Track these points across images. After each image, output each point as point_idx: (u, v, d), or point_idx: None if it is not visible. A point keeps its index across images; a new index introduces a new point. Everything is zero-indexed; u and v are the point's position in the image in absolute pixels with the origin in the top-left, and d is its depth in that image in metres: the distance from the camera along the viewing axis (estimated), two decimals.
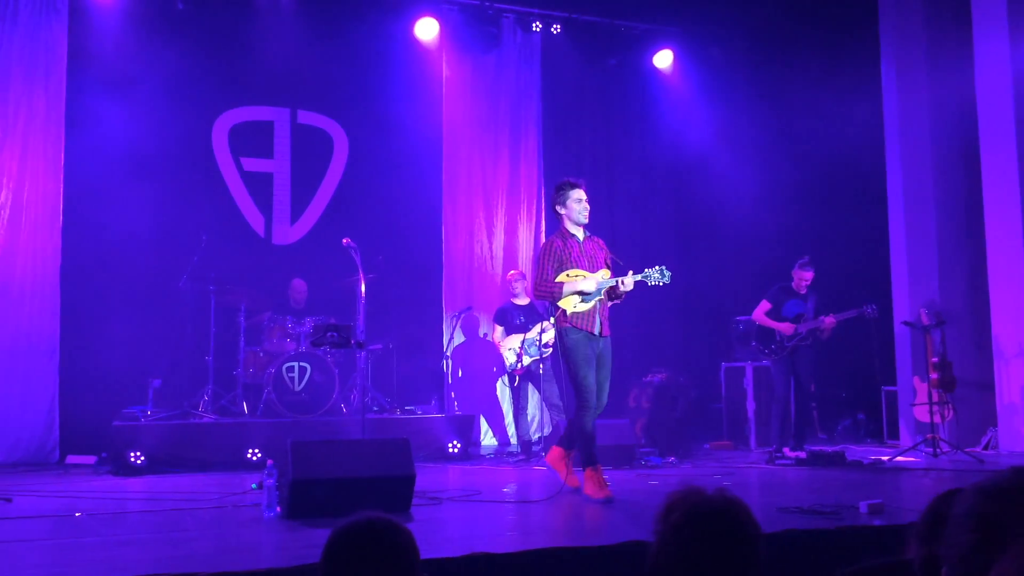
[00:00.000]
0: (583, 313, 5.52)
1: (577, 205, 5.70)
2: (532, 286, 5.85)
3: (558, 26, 9.98)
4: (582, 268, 5.60)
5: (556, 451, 5.83)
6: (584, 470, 5.55)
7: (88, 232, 8.31)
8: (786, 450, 7.56)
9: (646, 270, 5.56)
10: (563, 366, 5.67)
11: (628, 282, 5.49)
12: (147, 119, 8.55)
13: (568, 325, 5.52)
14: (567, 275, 5.57)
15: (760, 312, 7.87)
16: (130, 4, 8.57)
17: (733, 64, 10.34)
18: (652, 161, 10.60)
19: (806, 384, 7.79)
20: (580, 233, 5.74)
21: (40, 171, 8.27)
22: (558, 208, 5.80)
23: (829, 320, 7.59)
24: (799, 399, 7.82)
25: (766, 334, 7.82)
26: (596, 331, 5.53)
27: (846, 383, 9.97)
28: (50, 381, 8.10)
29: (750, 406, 9.05)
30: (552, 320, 5.76)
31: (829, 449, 7.72)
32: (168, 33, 8.66)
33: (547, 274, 5.60)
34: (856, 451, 8.29)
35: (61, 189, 8.33)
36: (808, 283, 7.81)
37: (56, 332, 8.17)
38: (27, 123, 8.26)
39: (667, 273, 5.53)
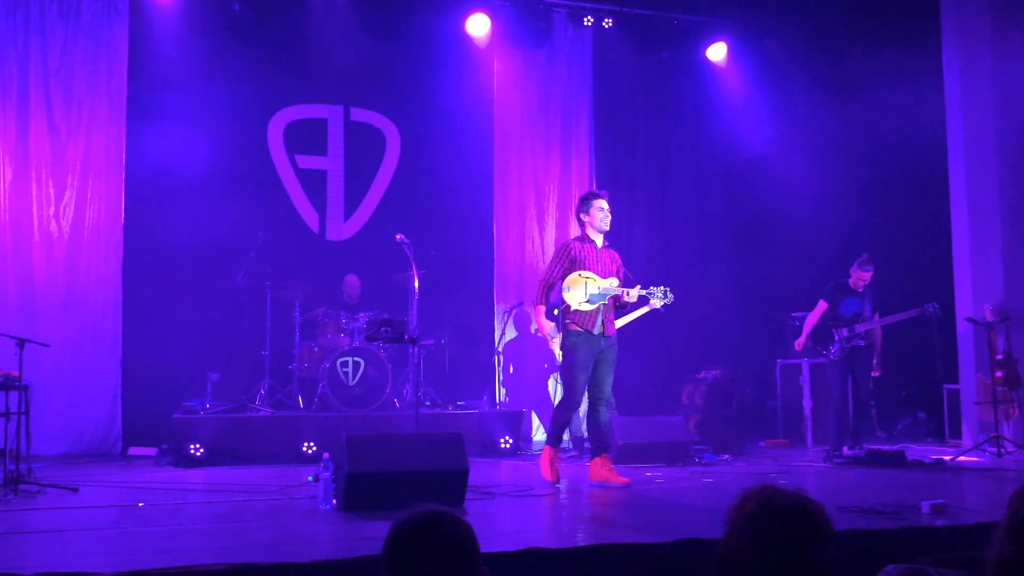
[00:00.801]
0: (585, 312, 5.86)
1: (600, 213, 6.02)
2: (539, 280, 6.19)
3: (610, 20, 9.91)
4: (595, 272, 5.94)
5: (595, 463, 6.02)
6: (543, 449, 6.11)
7: (148, 229, 8.50)
8: (844, 449, 7.42)
9: (651, 288, 6.04)
10: (561, 362, 6.09)
11: (633, 294, 5.91)
12: (205, 118, 8.72)
13: (571, 324, 5.88)
14: (579, 275, 5.90)
15: (816, 314, 7.72)
16: (188, 5, 8.73)
17: (789, 56, 10.15)
18: (706, 155, 10.48)
19: (864, 384, 7.62)
20: (599, 241, 6.06)
21: (102, 170, 8.49)
22: (582, 216, 6.11)
23: (877, 332, 7.50)
24: (857, 398, 7.66)
25: (823, 334, 7.64)
26: (596, 331, 5.85)
27: (906, 381, 9.74)
28: (113, 375, 8.32)
29: (807, 404, 8.89)
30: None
31: (888, 448, 7.56)
32: (225, 33, 8.81)
33: (553, 274, 6.00)
34: (916, 450, 8.11)
35: (122, 187, 8.53)
36: (867, 283, 7.64)
37: (119, 327, 8.39)
38: (90, 123, 8.48)
39: (670, 296, 6.05)
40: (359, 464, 4.82)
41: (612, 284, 5.92)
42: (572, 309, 5.86)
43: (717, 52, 10.19)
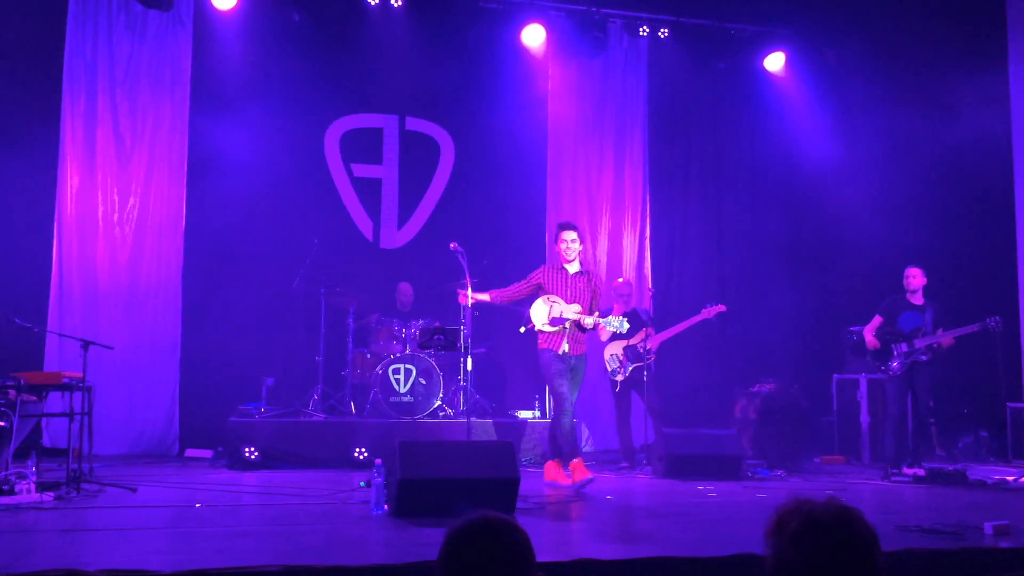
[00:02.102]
0: (549, 333, 6.42)
1: (563, 244, 6.54)
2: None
3: (665, 30, 9.86)
4: (561, 297, 6.43)
5: (549, 465, 6.61)
6: (551, 461, 6.59)
7: (208, 236, 8.68)
8: (903, 467, 7.24)
9: (609, 316, 6.51)
10: (545, 376, 6.57)
11: (589, 321, 6.36)
12: (263, 127, 8.88)
13: (541, 343, 6.48)
14: (547, 298, 6.47)
15: (871, 328, 7.55)
16: (249, 16, 8.92)
17: (848, 66, 9.98)
18: (762, 167, 10.36)
19: (923, 400, 7.42)
20: (572, 268, 6.54)
21: (165, 178, 8.70)
22: (556, 245, 6.70)
23: (946, 339, 7.24)
24: (916, 415, 7.47)
25: (882, 348, 7.47)
26: (561, 351, 6.36)
27: (968, 399, 9.46)
28: (171, 378, 8.50)
29: (864, 420, 8.70)
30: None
31: (949, 467, 7.35)
32: (284, 43, 8.97)
33: (520, 286, 6.69)
34: (978, 470, 7.86)
35: (184, 195, 8.72)
36: (920, 285, 7.45)
37: (178, 331, 8.57)
38: (154, 132, 8.69)
39: (626, 325, 6.43)
40: (411, 470, 4.85)
41: (574, 310, 6.36)
42: (536, 329, 6.45)
43: (775, 62, 10.07)
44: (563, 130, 9.89)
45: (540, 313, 6.47)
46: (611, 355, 8.05)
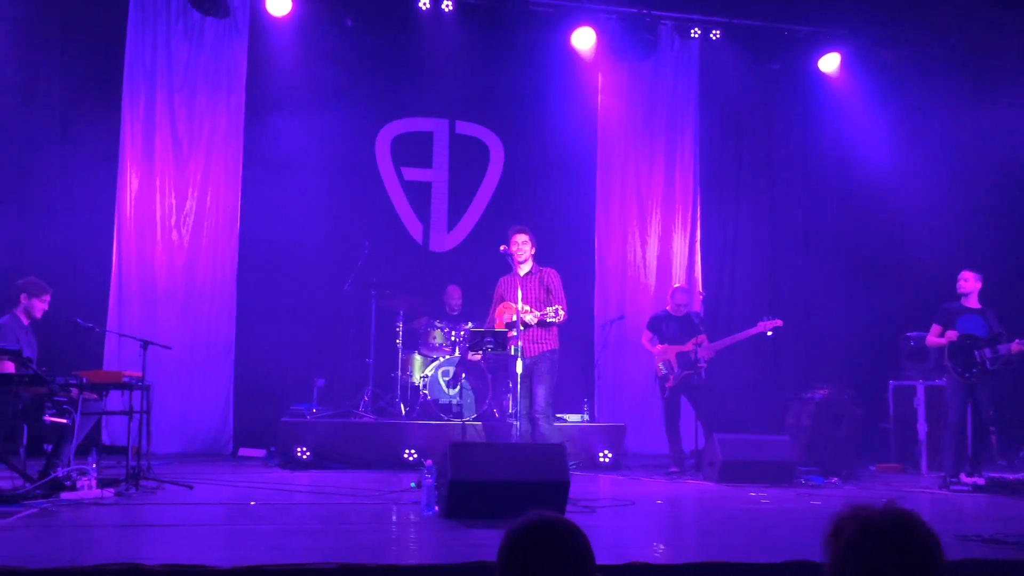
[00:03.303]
0: (475, 333, 6.49)
1: (514, 247, 6.62)
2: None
3: (717, 31, 9.76)
4: (512, 301, 6.44)
5: None
6: None
7: (262, 239, 8.82)
8: (962, 476, 7.06)
9: (546, 308, 6.42)
10: None
11: (529, 318, 6.36)
12: (316, 131, 9.00)
13: (467, 343, 6.61)
14: (503, 307, 6.61)
15: (934, 337, 7.38)
16: (303, 23, 9.04)
17: (906, 67, 9.76)
18: (816, 169, 10.20)
19: (985, 408, 7.22)
20: (523, 269, 6.63)
21: (221, 181, 8.86)
22: (510, 247, 6.70)
23: (1015, 346, 7.03)
24: (977, 423, 7.28)
25: (962, 354, 7.23)
26: (515, 352, 6.27)
27: None
28: (226, 378, 8.65)
29: (921, 427, 8.50)
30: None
31: (1010, 476, 7.16)
32: (337, 49, 9.08)
33: (495, 307, 6.74)
34: None
35: (239, 198, 8.88)
36: (974, 288, 7.25)
37: (232, 333, 8.72)
38: (210, 137, 8.87)
39: (562, 313, 6.34)
40: (462, 472, 4.86)
41: (523, 310, 6.38)
42: (471, 331, 6.69)
43: (830, 63, 9.90)
44: (613, 133, 9.85)
45: (500, 323, 6.60)
46: (662, 360, 8.00)
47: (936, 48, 9.63)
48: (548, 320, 6.40)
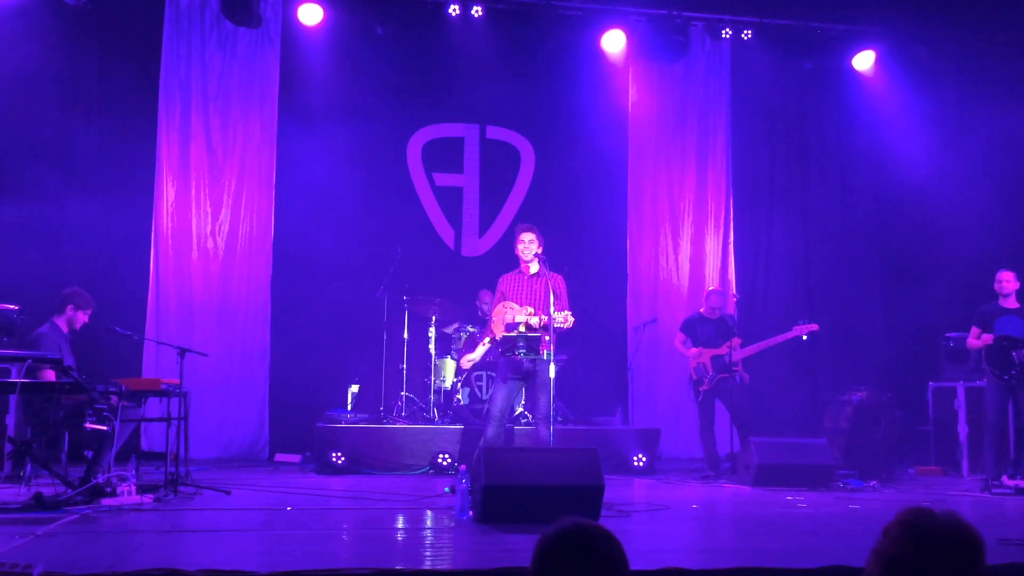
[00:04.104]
0: (505, 339, 6.22)
1: (520, 245, 6.47)
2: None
3: (749, 31, 9.69)
4: (517, 302, 6.37)
5: None
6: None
7: (295, 245, 8.91)
8: (1004, 478, 6.93)
9: (554, 313, 6.08)
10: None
11: (534, 322, 6.21)
12: (348, 138, 9.08)
13: (499, 347, 6.37)
14: (503, 306, 6.42)
15: (974, 339, 7.26)
16: (334, 31, 9.12)
17: (944, 64, 9.60)
18: (851, 168, 10.08)
19: None
20: (531, 269, 6.46)
21: (255, 189, 8.96)
22: (516, 246, 6.58)
23: None
24: (1018, 425, 7.15)
25: (999, 356, 7.11)
26: (518, 355, 6.10)
27: None
28: (262, 385, 8.74)
29: (962, 430, 8.35)
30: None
31: None
32: (368, 56, 9.14)
33: (494, 307, 6.55)
34: None
35: (272, 205, 8.98)
36: (1013, 289, 7.12)
37: (267, 339, 8.81)
38: (244, 145, 8.97)
39: (571, 319, 6.05)
40: (496, 477, 4.87)
41: (527, 312, 6.27)
42: (497, 337, 6.38)
43: (864, 61, 9.78)
44: (644, 135, 9.81)
45: (499, 322, 6.42)
46: (697, 363, 7.95)
47: (974, 43, 9.46)
48: (556, 326, 6.09)
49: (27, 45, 8.25)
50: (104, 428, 5.45)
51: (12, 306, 6.99)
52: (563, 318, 6.08)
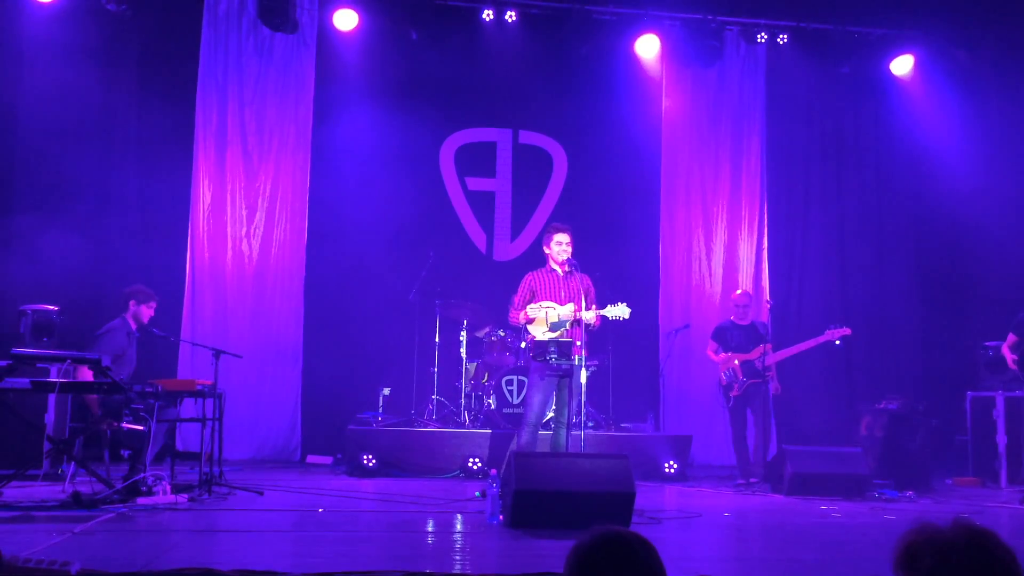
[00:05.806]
0: (539, 343, 6.13)
1: (557, 247, 6.41)
2: (511, 307, 6.57)
3: (785, 36, 9.58)
4: (555, 300, 6.30)
5: None
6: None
7: (328, 249, 8.98)
8: None
9: (608, 306, 6.22)
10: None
11: (588, 315, 6.14)
12: (381, 143, 9.14)
13: (531, 352, 6.22)
14: (539, 306, 6.32)
15: (1008, 346, 7.13)
16: (369, 36, 9.18)
17: (983, 68, 9.43)
18: (888, 174, 9.94)
19: None
20: (561, 269, 6.41)
21: (289, 192, 9.05)
22: (544, 247, 6.54)
23: None
24: None
25: None
26: (551, 360, 6.03)
27: None
28: (294, 386, 8.81)
29: (1001, 440, 8.20)
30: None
31: None
32: (402, 61, 9.21)
33: (516, 303, 6.44)
34: None
35: (306, 209, 9.05)
36: None
37: (300, 341, 8.88)
38: (279, 149, 9.06)
39: (627, 310, 6.15)
40: (526, 481, 4.86)
41: (569, 310, 6.23)
42: (536, 340, 6.21)
43: (902, 65, 9.65)
44: (677, 140, 9.76)
45: (539, 322, 6.32)
46: (727, 369, 7.88)
47: (1014, 48, 9.30)
48: (611, 317, 6.21)
49: (68, 50, 8.40)
50: (141, 428, 5.53)
51: (52, 307, 7.12)
52: (593, 317, 6.15)
